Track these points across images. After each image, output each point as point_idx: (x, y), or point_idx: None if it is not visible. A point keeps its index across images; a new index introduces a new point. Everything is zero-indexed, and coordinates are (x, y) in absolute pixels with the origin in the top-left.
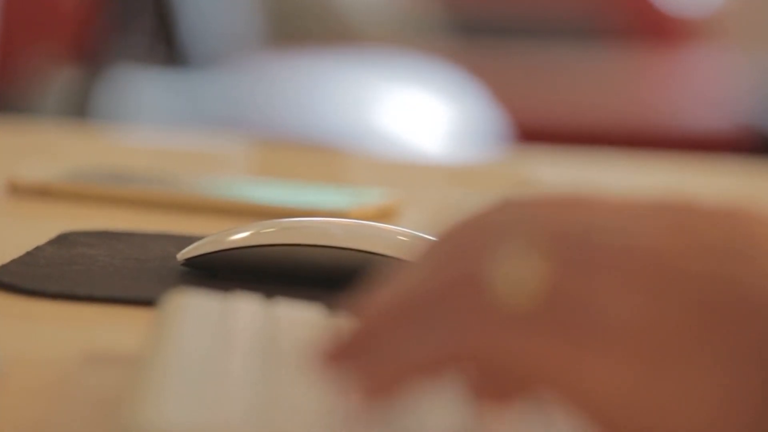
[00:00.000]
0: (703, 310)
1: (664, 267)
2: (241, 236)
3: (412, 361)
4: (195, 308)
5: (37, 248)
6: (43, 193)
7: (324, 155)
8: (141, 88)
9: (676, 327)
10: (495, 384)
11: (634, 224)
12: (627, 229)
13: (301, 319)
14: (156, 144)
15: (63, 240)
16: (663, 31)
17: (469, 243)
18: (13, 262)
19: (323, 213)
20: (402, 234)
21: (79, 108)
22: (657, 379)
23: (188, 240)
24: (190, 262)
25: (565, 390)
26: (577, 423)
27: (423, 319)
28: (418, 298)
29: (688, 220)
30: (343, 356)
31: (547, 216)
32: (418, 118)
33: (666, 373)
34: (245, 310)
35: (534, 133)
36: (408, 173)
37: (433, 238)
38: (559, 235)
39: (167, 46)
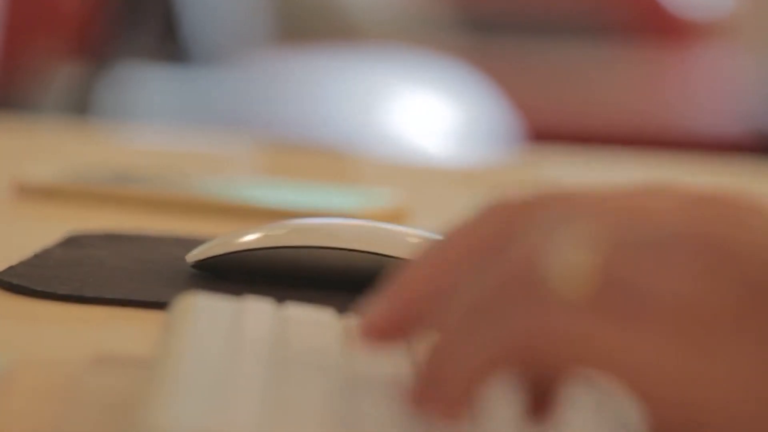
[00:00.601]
0: (749, 289)
1: (709, 248)
2: (250, 238)
3: (481, 364)
4: (206, 311)
5: (45, 250)
6: (49, 194)
7: (333, 157)
8: (145, 85)
9: (722, 306)
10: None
11: (678, 213)
12: (673, 220)
13: (312, 322)
14: (162, 144)
15: (70, 241)
16: (674, 32)
17: (521, 245)
18: (21, 263)
19: (333, 214)
20: (413, 235)
21: (83, 106)
22: (703, 357)
23: (197, 242)
24: (199, 264)
25: (616, 369)
26: (628, 403)
27: (487, 323)
28: (479, 305)
29: (728, 207)
30: (425, 386)
31: (595, 207)
32: (427, 118)
33: (712, 351)
34: (256, 313)
35: (544, 132)
36: (418, 174)
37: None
38: (608, 225)
39: (172, 44)
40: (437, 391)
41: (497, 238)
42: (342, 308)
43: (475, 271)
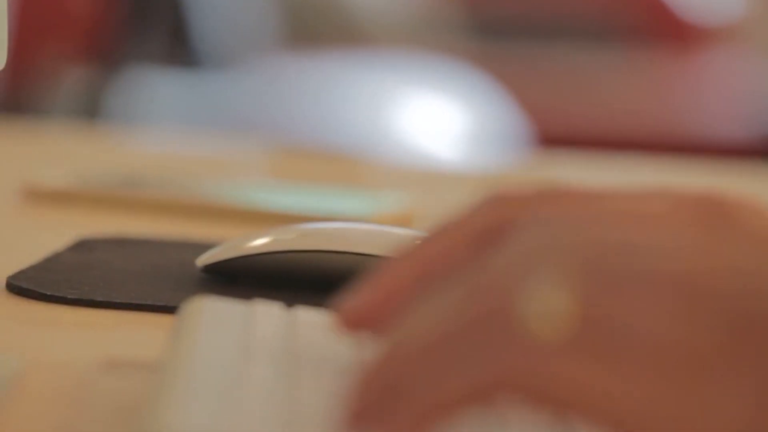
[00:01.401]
0: (734, 328)
1: (692, 287)
2: (261, 242)
3: (445, 394)
4: (215, 315)
5: (55, 254)
6: (59, 198)
7: (343, 161)
8: (155, 88)
9: (707, 346)
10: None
11: (660, 241)
12: (653, 248)
13: (321, 326)
14: (171, 147)
15: (80, 246)
16: (683, 37)
17: (495, 273)
18: (31, 267)
19: (343, 219)
20: None
21: (93, 109)
22: (689, 398)
23: (206, 246)
24: (209, 268)
25: (599, 412)
26: None
27: (454, 354)
28: (447, 333)
29: (711, 233)
30: (371, 403)
31: (572, 237)
32: (436, 122)
33: (698, 391)
34: (266, 317)
35: (553, 137)
36: (427, 178)
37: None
38: (586, 260)
39: (182, 47)
40: (394, 409)
41: (488, 234)
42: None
43: (453, 282)
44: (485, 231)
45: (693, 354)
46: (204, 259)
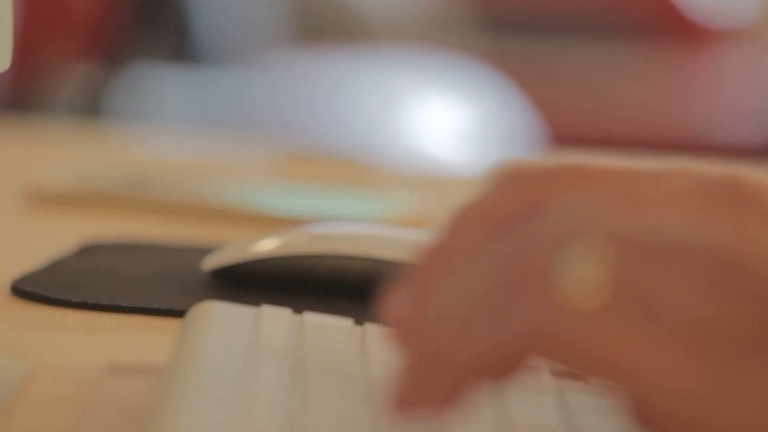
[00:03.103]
0: (766, 306)
1: (728, 264)
2: (268, 246)
3: (478, 354)
4: (222, 319)
5: (60, 258)
6: (63, 200)
7: (350, 162)
8: (159, 86)
9: (741, 324)
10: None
11: (692, 221)
12: (686, 226)
13: (330, 331)
14: (176, 148)
15: (86, 249)
16: (694, 37)
17: (530, 241)
18: (36, 271)
19: (352, 221)
20: None
21: (97, 106)
22: (721, 377)
23: (211, 249)
24: (216, 272)
25: (629, 381)
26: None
27: (487, 314)
28: (480, 295)
29: (736, 213)
30: (411, 384)
31: (605, 221)
32: (445, 120)
33: (730, 371)
34: (274, 322)
35: (564, 135)
36: (437, 179)
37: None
38: (621, 238)
39: (186, 44)
40: (428, 380)
41: (513, 221)
42: (361, 316)
43: (481, 252)
44: (510, 217)
45: (727, 331)
46: (211, 263)
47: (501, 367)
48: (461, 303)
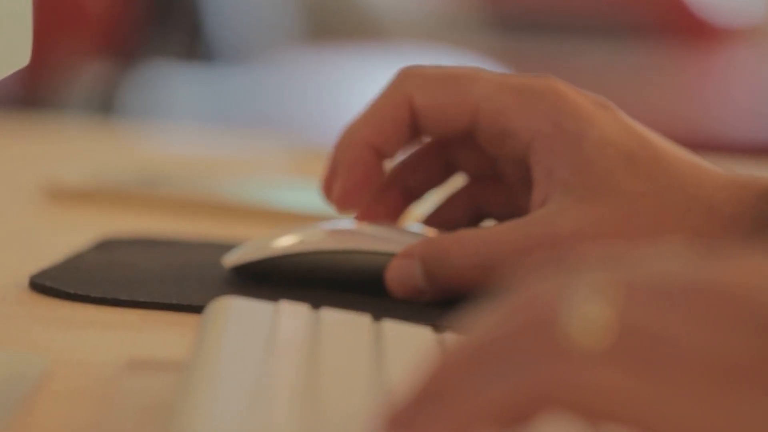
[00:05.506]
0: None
1: (732, 299)
2: (288, 242)
3: (485, 402)
4: (241, 315)
5: (78, 253)
6: (80, 197)
7: None
8: (172, 83)
9: (745, 357)
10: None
11: (694, 267)
12: (688, 269)
13: (348, 327)
14: (190, 145)
15: (103, 245)
16: (704, 36)
17: (537, 289)
18: (54, 267)
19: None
20: None
21: (110, 104)
22: (730, 409)
23: (229, 246)
24: (235, 268)
25: (638, 422)
26: None
27: (495, 364)
28: (489, 344)
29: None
30: (410, 408)
31: (611, 265)
32: None
33: (739, 403)
34: (292, 318)
35: None
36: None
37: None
38: (626, 280)
39: (199, 42)
40: (431, 414)
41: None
42: (379, 313)
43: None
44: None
45: (733, 365)
46: (231, 260)
47: (506, 416)
48: (474, 340)
